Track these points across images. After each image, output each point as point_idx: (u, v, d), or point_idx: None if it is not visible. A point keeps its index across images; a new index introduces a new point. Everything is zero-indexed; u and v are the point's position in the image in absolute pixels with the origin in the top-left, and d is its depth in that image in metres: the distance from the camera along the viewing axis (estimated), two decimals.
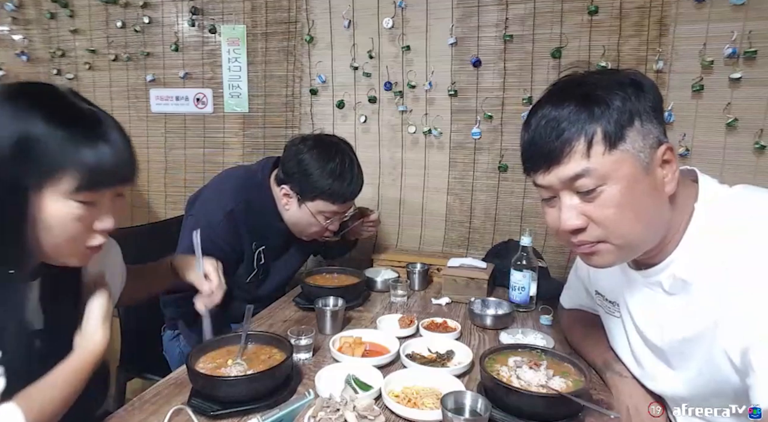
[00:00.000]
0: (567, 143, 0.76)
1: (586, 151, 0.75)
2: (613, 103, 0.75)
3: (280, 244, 1.61)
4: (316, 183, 1.42)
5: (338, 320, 1.32)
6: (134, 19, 2.42)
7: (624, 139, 0.75)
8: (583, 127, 0.75)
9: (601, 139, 0.75)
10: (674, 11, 1.69)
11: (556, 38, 1.83)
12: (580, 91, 0.78)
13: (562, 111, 0.77)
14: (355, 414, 0.85)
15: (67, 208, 0.76)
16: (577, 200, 0.79)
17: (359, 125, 2.16)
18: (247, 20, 2.26)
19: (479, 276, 1.58)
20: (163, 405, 0.95)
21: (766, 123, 1.63)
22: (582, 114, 0.76)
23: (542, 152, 0.79)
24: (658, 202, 0.78)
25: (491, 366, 0.99)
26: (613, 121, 0.74)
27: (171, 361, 1.60)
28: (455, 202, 2.10)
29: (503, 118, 1.96)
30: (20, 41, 2.62)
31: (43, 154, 0.72)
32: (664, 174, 0.78)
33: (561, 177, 0.78)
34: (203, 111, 2.41)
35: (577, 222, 0.79)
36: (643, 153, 0.75)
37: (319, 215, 1.47)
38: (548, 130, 0.78)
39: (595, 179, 0.76)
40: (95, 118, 0.78)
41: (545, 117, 0.79)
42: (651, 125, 0.76)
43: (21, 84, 0.79)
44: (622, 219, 0.77)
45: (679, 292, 0.82)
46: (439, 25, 1.98)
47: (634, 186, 0.76)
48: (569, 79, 0.83)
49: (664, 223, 0.80)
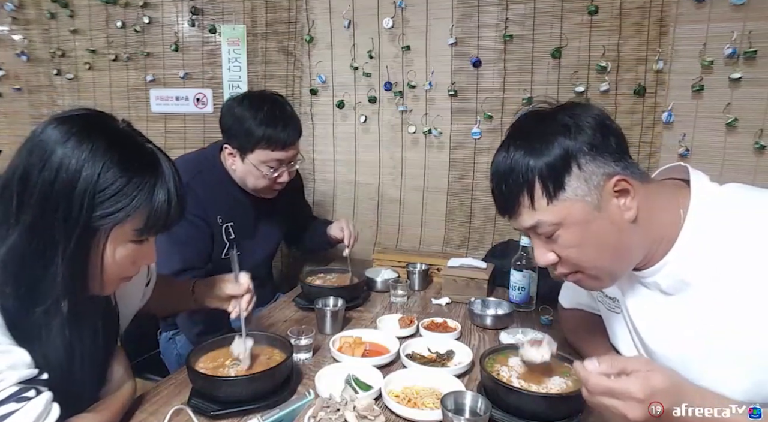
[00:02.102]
0: (514, 199, 0.81)
1: (530, 205, 0.80)
2: (548, 153, 0.77)
3: (248, 220, 1.60)
4: (250, 133, 1.42)
5: (338, 320, 1.32)
6: (134, 19, 2.42)
7: (563, 188, 0.78)
8: (524, 183, 0.79)
9: (541, 193, 0.79)
10: (674, 11, 1.69)
11: (556, 38, 1.83)
12: (524, 142, 0.81)
13: (509, 163, 0.81)
14: (355, 414, 0.85)
15: (126, 250, 0.79)
16: (543, 242, 0.84)
17: (359, 125, 2.16)
18: (247, 20, 2.26)
19: (479, 276, 1.58)
20: (163, 405, 0.95)
21: (766, 123, 1.63)
22: (522, 168, 0.79)
23: (500, 206, 0.86)
24: (619, 231, 0.80)
25: (491, 366, 0.99)
26: (548, 173, 0.77)
27: (168, 363, 1.60)
28: (455, 202, 2.10)
29: (503, 118, 1.95)
30: (20, 41, 2.63)
31: (117, 201, 0.73)
32: (620, 204, 0.79)
33: (520, 226, 0.84)
34: (203, 111, 2.41)
35: (550, 259, 0.85)
36: (590, 196, 0.77)
37: (262, 166, 1.46)
38: (500, 186, 0.84)
39: (548, 227, 0.80)
40: (155, 159, 0.80)
41: (498, 170, 0.84)
42: (594, 164, 0.77)
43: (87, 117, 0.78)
44: (585, 255, 0.81)
45: (678, 292, 0.83)
46: (439, 25, 1.98)
47: (587, 226, 0.79)
48: (520, 125, 0.86)
49: (638, 246, 0.82)
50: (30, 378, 0.71)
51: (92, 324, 0.87)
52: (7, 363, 0.68)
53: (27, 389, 0.69)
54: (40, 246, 0.71)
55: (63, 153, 0.71)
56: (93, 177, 0.71)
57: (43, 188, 0.71)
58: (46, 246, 0.71)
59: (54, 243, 0.71)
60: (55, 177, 0.71)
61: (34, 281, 0.73)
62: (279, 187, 1.55)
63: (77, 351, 0.82)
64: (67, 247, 0.72)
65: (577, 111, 0.81)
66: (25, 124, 2.74)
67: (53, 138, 0.72)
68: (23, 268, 0.72)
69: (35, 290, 0.73)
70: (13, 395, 0.67)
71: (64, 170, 0.71)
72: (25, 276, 0.72)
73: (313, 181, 2.28)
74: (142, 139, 0.81)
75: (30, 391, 0.70)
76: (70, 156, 0.71)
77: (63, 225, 0.71)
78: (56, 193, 0.71)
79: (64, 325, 0.77)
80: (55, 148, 0.71)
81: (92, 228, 0.73)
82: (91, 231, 0.74)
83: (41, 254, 0.72)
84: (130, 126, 0.82)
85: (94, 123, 0.77)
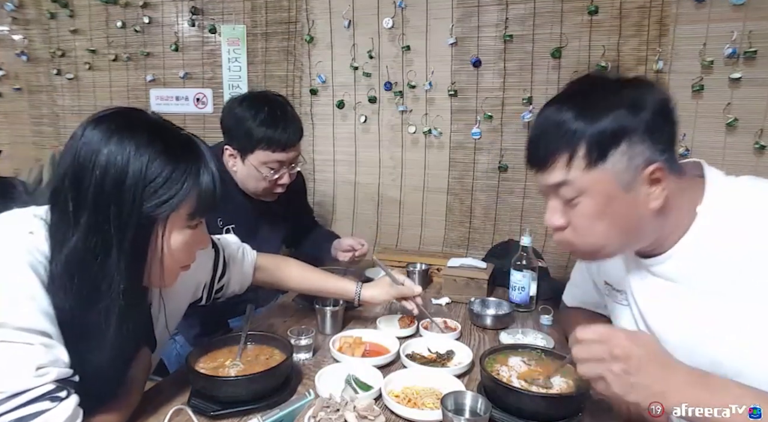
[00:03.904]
0: (553, 154, 0.80)
1: (566, 164, 0.79)
2: (604, 122, 0.77)
3: (248, 223, 1.59)
4: (251, 134, 1.42)
5: (338, 320, 1.32)
6: (134, 19, 2.42)
7: (605, 159, 0.77)
8: (569, 141, 0.78)
9: (583, 156, 0.78)
10: (674, 11, 1.69)
11: (556, 38, 1.83)
12: (581, 102, 0.80)
13: (559, 118, 0.80)
14: (355, 414, 0.85)
15: (183, 236, 0.81)
16: (560, 204, 0.84)
17: (359, 125, 2.16)
18: (247, 20, 2.26)
19: (479, 276, 1.57)
20: (163, 405, 0.95)
21: (766, 123, 1.63)
22: (573, 127, 0.78)
23: (533, 156, 0.85)
24: (637, 217, 0.80)
25: (491, 366, 0.99)
26: (598, 140, 0.77)
27: (168, 363, 1.60)
28: (455, 202, 2.10)
29: (503, 118, 1.95)
30: (20, 41, 2.63)
31: (169, 188, 0.76)
32: (650, 191, 0.79)
33: (545, 182, 0.83)
34: (203, 111, 2.41)
35: (558, 222, 0.85)
36: (626, 173, 0.77)
37: (263, 167, 1.46)
38: (542, 137, 0.83)
39: (573, 191, 0.80)
40: (193, 144, 0.82)
41: (545, 121, 0.83)
42: (643, 146, 0.77)
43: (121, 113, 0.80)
44: (593, 229, 0.82)
45: (686, 281, 0.83)
46: (439, 25, 1.98)
47: (610, 202, 0.79)
48: (579, 86, 0.86)
49: (649, 233, 0.83)
50: (65, 377, 0.71)
51: (139, 322, 0.89)
52: (51, 357, 0.70)
53: (61, 389, 0.70)
54: (99, 245, 0.73)
55: (108, 151, 0.73)
56: (141, 169, 0.73)
57: (96, 188, 0.72)
58: (105, 244, 0.73)
59: (111, 239, 0.73)
60: (105, 175, 0.72)
61: (94, 280, 0.74)
62: (280, 189, 1.54)
63: (123, 350, 0.84)
64: (123, 242, 0.74)
65: (645, 90, 0.80)
66: (25, 124, 2.74)
67: (96, 138, 0.74)
68: (84, 268, 0.73)
69: (96, 289, 0.75)
70: (48, 392, 0.68)
71: (113, 167, 0.72)
72: (86, 275, 0.74)
73: (313, 181, 2.28)
74: (176, 127, 0.83)
75: (63, 391, 0.71)
76: (115, 152, 0.73)
77: (118, 221, 0.73)
78: (108, 191, 0.73)
79: (118, 322, 0.78)
80: (100, 148, 0.73)
81: (149, 219, 0.76)
82: (149, 222, 0.76)
83: (100, 252, 0.73)
84: (161, 117, 0.83)
85: (130, 118, 0.79)
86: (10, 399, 0.66)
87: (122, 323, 0.78)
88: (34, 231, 0.75)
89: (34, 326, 0.69)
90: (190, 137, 0.83)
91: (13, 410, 0.65)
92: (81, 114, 2.62)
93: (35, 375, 0.67)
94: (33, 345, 0.68)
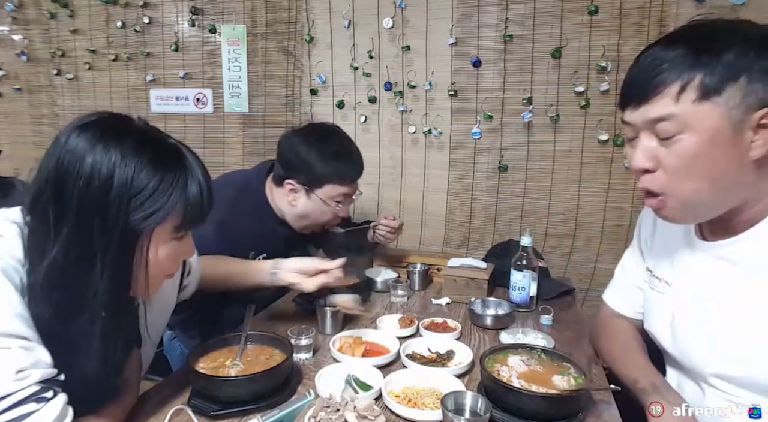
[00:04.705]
0: (661, 83, 0.75)
1: (676, 95, 0.74)
2: (725, 55, 0.72)
3: (281, 250, 1.59)
4: (321, 169, 1.42)
5: (338, 320, 1.32)
6: (134, 19, 2.42)
7: (720, 93, 0.72)
8: (683, 71, 0.73)
9: (696, 86, 0.73)
10: (674, 11, 1.69)
11: (556, 38, 1.83)
12: (697, 37, 0.76)
13: (670, 53, 0.75)
14: (355, 414, 0.85)
15: (168, 248, 0.79)
16: (655, 143, 0.78)
17: (359, 125, 2.16)
18: (247, 20, 2.26)
19: (479, 276, 1.57)
20: (163, 405, 0.95)
21: None
22: (688, 59, 0.74)
23: (636, 88, 0.79)
24: (736, 166, 0.75)
25: (491, 366, 0.99)
26: (716, 72, 0.72)
27: (172, 361, 1.60)
28: (455, 201, 2.10)
29: (503, 118, 1.96)
30: (20, 41, 2.63)
31: (155, 200, 0.73)
32: (754, 138, 0.73)
33: (645, 117, 0.78)
34: (203, 111, 2.41)
35: (646, 164, 0.79)
36: (737, 110, 0.72)
37: (330, 200, 1.47)
38: (650, 67, 0.77)
39: (676, 126, 0.75)
40: (180, 153, 0.80)
41: (652, 55, 0.78)
42: (760, 85, 0.72)
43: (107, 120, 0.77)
44: (688, 172, 0.76)
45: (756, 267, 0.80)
46: (439, 25, 1.98)
47: (713, 142, 0.73)
48: (695, 24, 0.80)
49: (742, 189, 0.78)
50: (49, 377, 0.70)
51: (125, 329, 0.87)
52: (32, 360, 0.68)
53: (46, 389, 0.69)
54: (81, 256, 0.71)
55: (93, 160, 0.70)
56: (127, 180, 0.71)
57: (79, 198, 0.70)
58: (88, 255, 0.71)
59: (94, 252, 0.71)
60: (89, 185, 0.70)
61: (77, 291, 0.72)
62: (336, 221, 1.55)
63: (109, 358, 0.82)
64: (107, 254, 0.72)
65: None
66: (25, 124, 2.74)
67: (81, 146, 0.71)
68: (66, 279, 0.72)
69: (79, 299, 0.73)
70: (33, 395, 0.67)
71: (97, 177, 0.70)
72: (67, 287, 0.72)
73: None
74: (163, 135, 0.81)
75: (48, 392, 0.69)
76: (100, 162, 0.70)
77: (102, 233, 0.71)
78: (92, 202, 0.70)
79: (102, 333, 0.77)
80: (84, 156, 0.70)
81: (134, 231, 0.73)
82: (133, 235, 0.74)
83: (82, 263, 0.71)
84: (147, 123, 0.81)
85: (116, 126, 0.76)
86: None
87: (107, 333, 0.77)
88: (4, 234, 0.72)
89: (10, 330, 0.67)
90: (177, 146, 0.81)
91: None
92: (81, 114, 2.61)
93: (15, 378, 0.66)
94: (11, 349, 0.66)
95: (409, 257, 1.85)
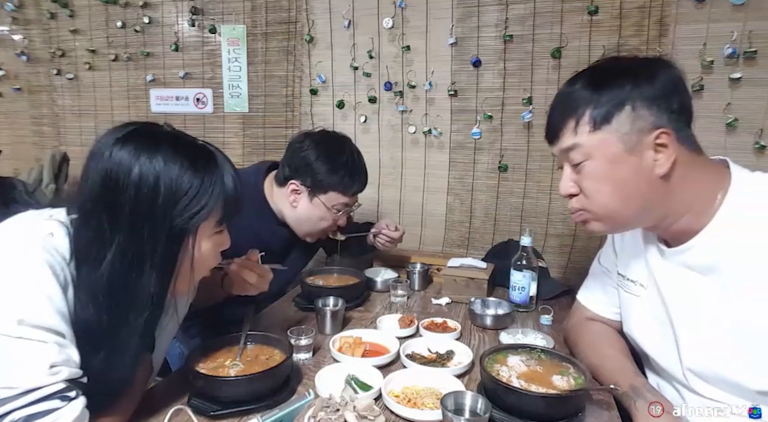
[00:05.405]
0: (563, 120, 0.88)
1: (574, 128, 0.87)
2: (606, 90, 0.83)
3: (280, 250, 1.60)
4: (329, 176, 1.44)
5: (338, 320, 1.32)
6: (134, 19, 2.42)
7: (610, 122, 0.83)
8: (578, 107, 0.86)
9: (588, 120, 0.85)
10: (674, 11, 1.69)
11: (556, 38, 1.83)
12: (588, 76, 0.88)
13: (569, 90, 0.89)
14: (355, 415, 0.85)
15: (210, 242, 0.86)
16: (571, 171, 0.90)
17: (359, 125, 2.16)
18: (247, 20, 2.26)
19: (479, 276, 1.57)
20: (163, 405, 0.95)
21: (766, 123, 1.63)
22: (581, 95, 0.86)
23: (550, 126, 0.93)
24: (645, 182, 0.84)
25: (491, 366, 0.99)
26: (601, 105, 0.83)
27: (171, 361, 1.60)
28: (455, 201, 2.10)
29: (503, 118, 1.95)
30: (20, 41, 2.63)
31: (199, 199, 0.79)
32: (656, 157, 0.82)
33: (560, 149, 0.90)
34: (203, 111, 2.41)
35: (570, 190, 0.91)
36: (630, 136, 0.82)
37: (332, 208, 1.48)
38: (556, 107, 0.92)
39: (581, 154, 0.86)
40: (211, 152, 0.85)
41: (559, 96, 0.92)
42: (647, 112, 0.81)
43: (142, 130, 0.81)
44: (599, 192, 0.87)
45: (709, 273, 0.85)
46: (439, 25, 1.98)
47: (614, 164, 0.84)
48: (592, 64, 0.94)
49: (658, 202, 0.86)
50: (75, 378, 0.72)
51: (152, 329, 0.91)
52: (64, 357, 0.70)
53: (71, 389, 0.71)
54: (134, 261, 0.76)
55: (139, 170, 0.75)
56: (172, 185, 0.76)
57: (131, 207, 0.75)
58: (140, 259, 0.76)
59: (145, 255, 0.77)
60: (138, 193, 0.75)
61: (128, 294, 0.77)
62: (332, 229, 1.56)
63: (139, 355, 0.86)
64: (156, 256, 0.77)
65: (656, 64, 0.85)
66: (25, 124, 2.74)
67: (125, 157, 0.76)
68: (119, 283, 0.76)
69: (129, 302, 0.78)
70: (59, 391, 0.69)
71: (145, 185, 0.75)
72: (121, 290, 0.76)
73: None
74: (191, 137, 0.86)
75: (72, 391, 0.71)
76: (146, 171, 0.75)
77: (153, 236, 0.76)
78: (143, 208, 0.75)
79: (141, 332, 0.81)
80: (131, 167, 0.75)
81: (181, 231, 0.79)
82: (181, 235, 0.79)
83: (135, 266, 0.76)
84: (174, 128, 0.86)
85: (151, 134, 0.81)
86: (22, 396, 0.66)
87: (146, 331, 0.81)
88: (54, 233, 0.76)
89: (49, 325, 0.70)
90: (206, 145, 0.86)
91: (25, 406, 0.66)
92: (81, 114, 2.62)
93: (48, 373, 0.68)
94: (47, 344, 0.69)
95: (409, 257, 1.85)
